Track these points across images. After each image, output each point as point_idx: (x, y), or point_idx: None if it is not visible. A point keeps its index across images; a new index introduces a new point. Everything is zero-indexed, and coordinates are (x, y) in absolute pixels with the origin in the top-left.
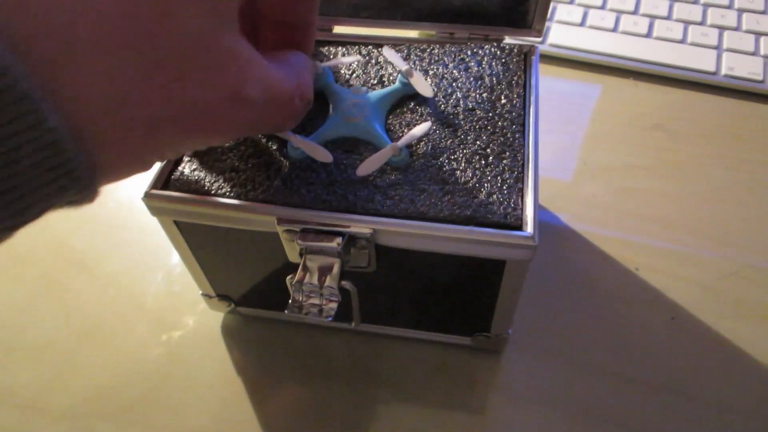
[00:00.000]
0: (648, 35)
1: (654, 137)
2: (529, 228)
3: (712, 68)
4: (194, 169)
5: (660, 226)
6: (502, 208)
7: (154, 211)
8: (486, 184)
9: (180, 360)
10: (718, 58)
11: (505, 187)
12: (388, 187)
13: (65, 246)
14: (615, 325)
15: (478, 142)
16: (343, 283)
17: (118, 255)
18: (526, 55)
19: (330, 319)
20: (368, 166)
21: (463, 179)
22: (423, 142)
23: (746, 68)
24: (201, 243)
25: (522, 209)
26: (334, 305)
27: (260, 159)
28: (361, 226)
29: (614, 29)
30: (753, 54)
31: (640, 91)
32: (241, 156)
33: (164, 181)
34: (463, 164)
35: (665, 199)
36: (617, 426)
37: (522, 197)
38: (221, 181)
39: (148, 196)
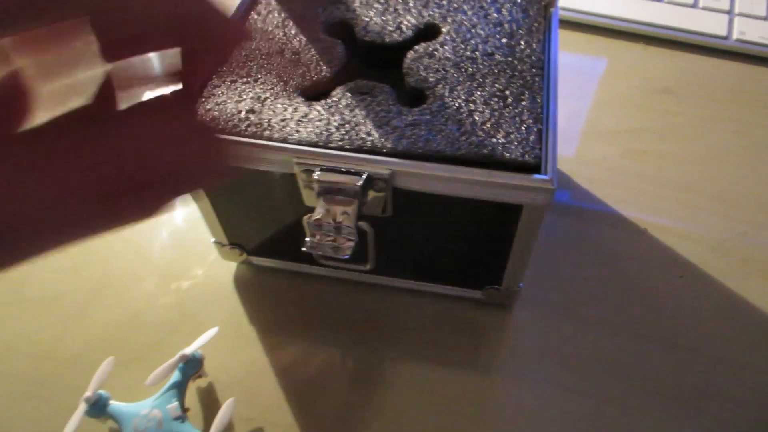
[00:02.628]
0: None
1: (663, 101)
2: (549, 170)
3: (723, 32)
4: (209, 109)
5: (668, 188)
6: (520, 147)
7: None
8: (504, 124)
9: (188, 309)
10: (730, 22)
11: (524, 127)
12: (405, 127)
13: None
14: (623, 283)
15: (497, 85)
16: (361, 223)
17: None
18: (546, 4)
19: (346, 257)
20: (156, 377)
21: (481, 120)
22: (440, 85)
23: (757, 33)
24: (218, 190)
25: (541, 148)
26: (351, 244)
27: (277, 101)
28: (379, 166)
29: None
30: (765, 19)
31: (650, 55)
32: (258, 98)
33: None
34: (481, 106)
35: (673, 161)
36: (626, 381)
37: (540, 137)
38: (237, 120)
39: None
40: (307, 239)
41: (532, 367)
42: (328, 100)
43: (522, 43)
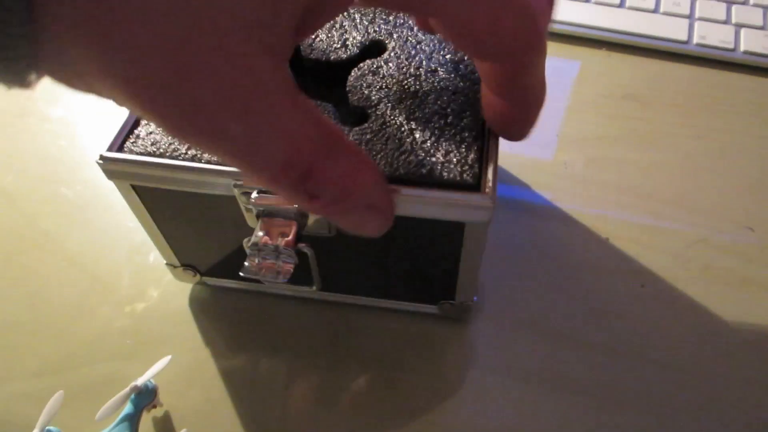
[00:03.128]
0: (621, 5)
1: (626, 107)
2: (487, 189)
3: (684, 37)
4: (150, 132)
5: (631, 196)
6: (459, 166)
7: (110, 174)
8: (444, 143)
9: (143, 334)
10: (690, 26)
11: (463, 146)
12: None
13: (30, 227)
14: (585, 294)
15: (438, 102)
16: (300, 245)
17: (81, 234)
18: None
19: (285, 280)
20: (106, 411)
21: (421, 139)
22: (382, 103)
23: (718, 37)
24: (161, 209)
25: (480, 167)
26: (290, 267)
27: None
28: None
29: (587, 0)
30: (724, 22)
31: (613, 61)
32: None
33: (120, 143)
34: (422, 124)
35: (636, 168)
36: (586, 394)
37: (480, 156)
38: (177, 143)
39: (103, 159)
40: (245, 263)
41: (494, 381)
42: None
43: (465, 59)
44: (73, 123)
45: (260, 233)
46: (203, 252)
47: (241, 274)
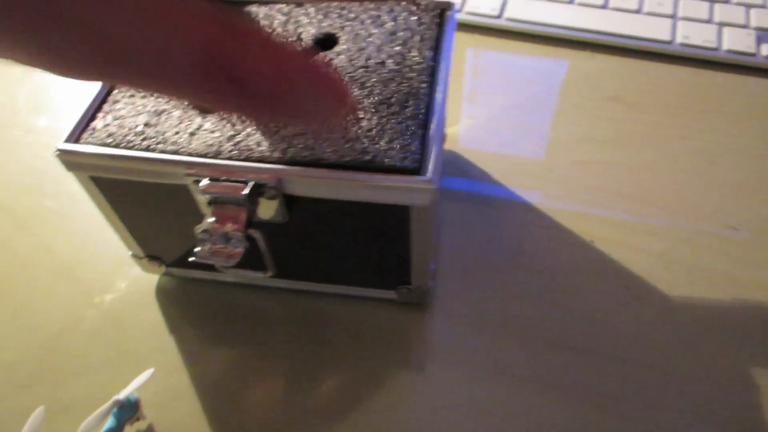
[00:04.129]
0: (604, 6)
1: (611, 109)
2: (428, 172)
3: (667, 37)
4: (107, 124)
5: (616, 198)
6: (401, 152)
7: (69, 166)
8: (389, 131)
9: (112, 323)
10: (674, 26)
11: (408, 134)
12: (293, 136)
13: (17, 238)
14: (571, 296)
15: (384, 92)
16: (250, 231)
17: (68, 244)
18: (442, 11)
19: (234, 264)
20: (87, 426)
21: (367, 127)
22: None
23: (701, 36)
24: (121, 200)
25: (422, 153)
26: (239, 252)
27: (173, 113)
28: (265, 173)
29: (570, 1)
30: (707, 22)
31: (597, 62)
32: (156, 111)
33: (77, 136)
34: (368, 113)
35: (622, 170)
36: (569, 396)
37: (423, 142)
38: (133, 135)
39: (60, 151)
40: (196, 248)
41: (466, 376)
42: (221, 114)
43: (413, 51)
44: (57, 133)
45: (210, 219)
46: (166, 242)
47: (192, 259)
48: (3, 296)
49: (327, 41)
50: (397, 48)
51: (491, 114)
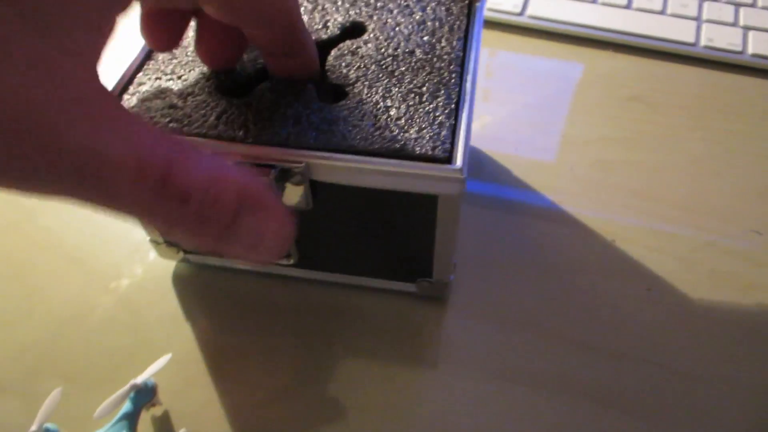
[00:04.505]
0: (628, 6)
1: (632, 109)
2: (459, 161)
3: (691, 39)
4: (133, 106)
5: (637, 198)
6: (431, 141)
7: None
8: (418, 120)
9: (128, 309)
10: (698, 29)
11: (436, 123)
12: (322, 122)
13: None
14: (590, 296)
15: (414, 81)
16: None
17: (82, 231)
18: (471, 1)
19: None
20: (105, 409)
21: (396, 116)
22: (360, 82)
23: (726, 39)
24: None
25: (452, 143)
26: None
27: (198, 97)
28: (292, 158)
29: (594, 0)
30: (732, 25)
31: (619, 63)
32: (181, 93)
33: None
34: (397, 102)
35: (643, 171)
36: (587, 397)
37: (453, 132)
38: (159, 116)
39: None
40: None
41: (485, 379)
42: (250, 97)
43: (443, 41)
44: None
45: None
46: None
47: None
48: (18, 281)
49: (354, 30)
50: (426, 38)
51: (510, 112)
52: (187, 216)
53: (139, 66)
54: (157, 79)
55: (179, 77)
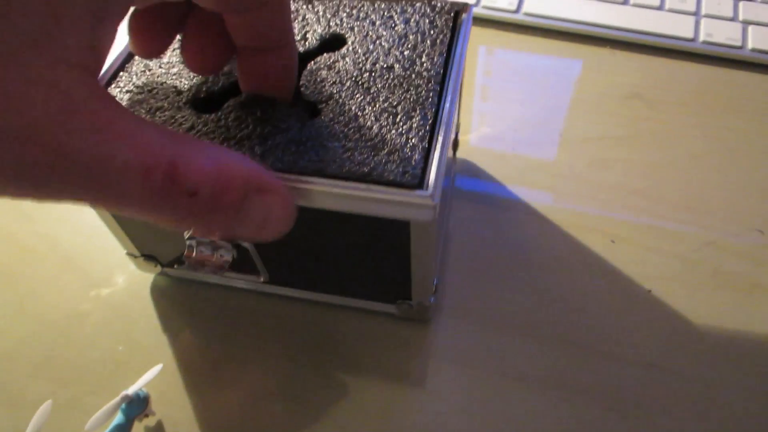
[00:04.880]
0: (625, 2)
1: (631, 106)
2: (430, 186)
3: (690, 35)
4: None
5: (637, 197)
6: (401, 166)
7: None
8: (389, 142)
9: (106, 319)
10: (697, 24)
11: (408, 146)
12: (289, 143)
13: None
14: (590, 297)
15: (390, 100)
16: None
17: (77, 236)
18: (456, 14)
19: (221, 273)
20: (96, 421)
21: (367, 137)
22: (333, 99)
23: (725, 34)
24: None
25: (424, 168)
26: (227, 260)
27: (167, 112)
28: None
29: None
30: (732, 20)
31: (618, 59)
32: (150, 108)
33: None
34: (370, 122)
35: (642, 169)
36: (589, 399)
37: (426, 156)
38: None
39: None
40: (185, 255)
41: (481, 385)
42: (219, 113)
43: (423, 56)
44: None
45: None
46: (160, 243)
47: (176, 266)
48: (10, 286)
49: (334, 42)
50: (407, 53)
51: (507, 111)
52: (196, 208)
53: (111, 77)
54: (128, 92)
55: (150, 90)
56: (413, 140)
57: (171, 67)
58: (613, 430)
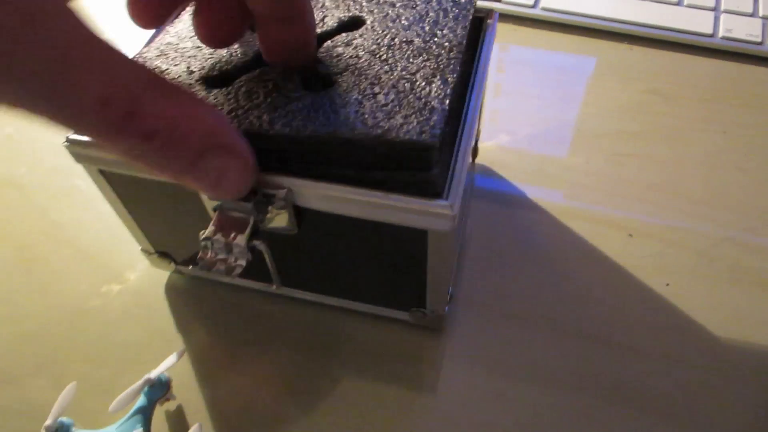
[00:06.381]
0: None
1: (648, 102)
2: (450, 195)
3: (709, 30)
4: None
5: (655, 192)
6: (419, 126)
7: (77, 157)
8: (407, 106)
9: (115, 315)
10: (716, 19)
11: (427, 109)
12: (299, 110)
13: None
14: (608, 292)
15: (408, 68)
16: (255, 242)
17: (94, 226)
18: (481, 20)
19: (235, 276)
20: (120, 403)
21: (383, 102)
22: (349, 71)
23: (744, 30)
24: (130, 195)
25: (445, 129)
26: (242, 264)
27: None
28: (273, 183)
29: None
30: (751, 15)
31: (635, 55)
32: None
33: None
34: (387, 89)
35: (660, 164)
36: (603, 395)
37: (445, 118)
38: None
39: (69, 141)
40: (199, 256)
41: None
42: (230, 87)
43: (445, 29)
44: None
45: (212, 227)
46: (175, 241)
47: (197, 266)
48: (31, 272)
49: (352, 24)
50: (427, 27)
51: (523, 106)
52: (149, 152)
53: None
54: None
55: (162, 71)
56: (433, 103)
57: (185, 51)
58: (632, 424)
